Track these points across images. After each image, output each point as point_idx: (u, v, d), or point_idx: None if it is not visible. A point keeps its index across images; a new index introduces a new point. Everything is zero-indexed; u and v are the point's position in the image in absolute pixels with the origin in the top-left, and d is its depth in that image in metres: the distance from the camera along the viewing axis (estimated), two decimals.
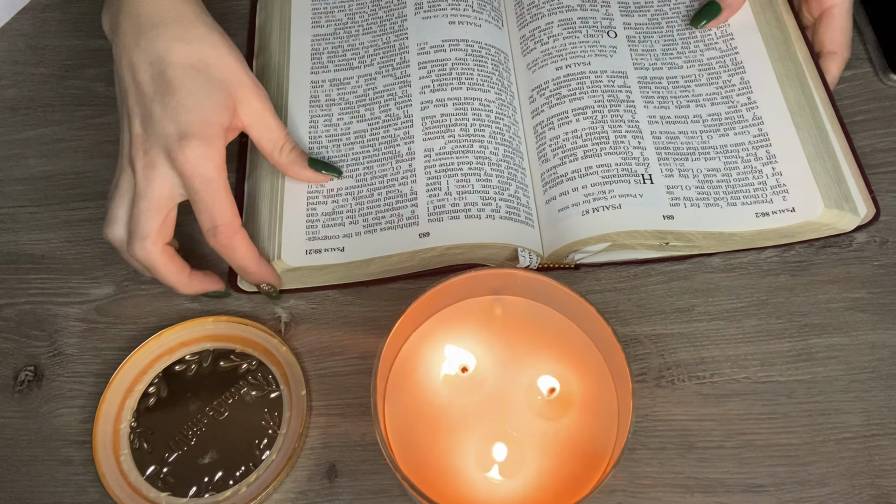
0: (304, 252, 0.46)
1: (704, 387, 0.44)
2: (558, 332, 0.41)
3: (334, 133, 0.50)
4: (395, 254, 0.46)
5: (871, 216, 0.47)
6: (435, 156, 0.48)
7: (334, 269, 0.46)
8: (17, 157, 0.53)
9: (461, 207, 0.47)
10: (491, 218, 0.46)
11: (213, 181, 0.41)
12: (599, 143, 0.49)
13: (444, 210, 0.47)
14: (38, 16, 0.60)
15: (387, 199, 0.48)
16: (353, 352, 0.46)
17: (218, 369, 0.45)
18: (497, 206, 0.47)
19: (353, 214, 0.47)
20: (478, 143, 0.49)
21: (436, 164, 0.48)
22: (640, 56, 0.53)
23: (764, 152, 0.49)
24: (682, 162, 0.49)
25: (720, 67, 0.52)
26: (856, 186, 0.48)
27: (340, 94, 0.52)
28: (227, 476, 0.42)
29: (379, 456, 0.42)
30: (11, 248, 0.50)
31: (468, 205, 0.47)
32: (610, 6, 0.55)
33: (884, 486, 0.41)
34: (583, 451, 0.38)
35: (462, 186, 0.47)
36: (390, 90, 0.51)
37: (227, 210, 0.42)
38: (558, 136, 0.49)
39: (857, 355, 0.45)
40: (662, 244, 0.46)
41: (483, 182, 0.47)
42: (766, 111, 0.50)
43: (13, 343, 0.46)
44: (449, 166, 0.48)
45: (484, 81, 0.51)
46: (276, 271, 0.45)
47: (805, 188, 0.47)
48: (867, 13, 0.56)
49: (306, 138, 0.50)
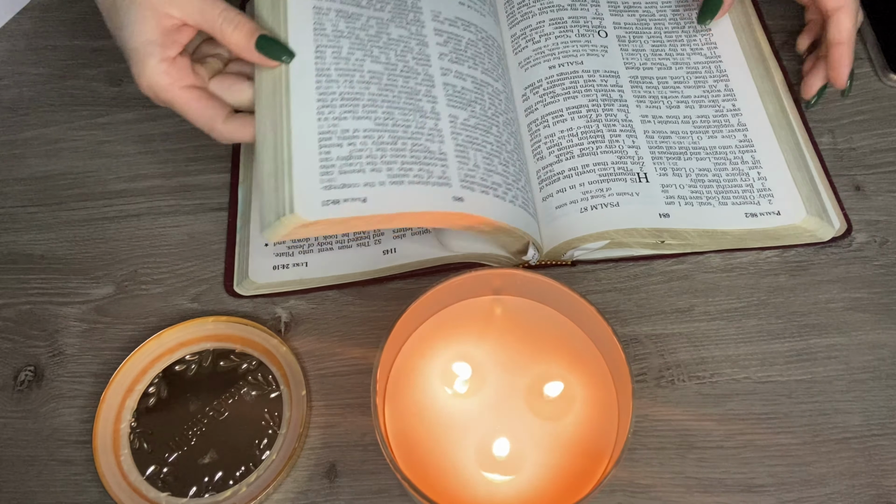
0: (321, 203, 0.39)
1: (704, 387, 0.44)
2: (558, 332, 0.41)
3: (345, 67, 0.44)
4: (427, 211, 0.41)
5: (843, 230, 0.48)
6: (460, 125, 0.45)
7: (356, 221, 0.41)
8: (17, 157, 0.53)
9: (489, 184, 0.44)
10: (513, 203, 0.45)
11: (170, 100, 0.43)
12: (595, 141, 0.49)
13: (475, 181, 0.43)
14: (38, 16, 0.60)
15: (412, 151, 0.42)
16: (353, 352, 0.46)
17: (218, 369, 0.45)
18: (516, 195, 0.45)
19: (375, 161, 0.41)
20: (496, 128, 0.47)
21: (462, 134, 0.45)
22: (630, 56, 0.53)
23: (749, 157, 0.50)
24: (674, 161, 0.49)
25: (706, 72, 0.53)
26: (829, 202, 0.49)
27: (350, 27, 0.45)
28: (227, 476, 0.42)
29: (379, 456, 0.42)
30: (11, 248, 0.50)
31: (494, 184, 0.44)
32: (599, 6, 0.56)
33: (884, 486, 0.41)
34: (583, 450, 0.38)
35: (488, 164, 0.45)
36: (406, 43, 0.47)
37: (200, 116, 0.43)
38: (553, 133, 0.49)
39: (857, 355, 0.45)
40: (658, 242, 0.46)
41: (504, 166, 0.46)
42: (749, 119, 0.51)
43: (13, 343, 0.46)
44: (475, 140, 0.45)
45: (493, 70, 0.50)
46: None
47: (788, 193, 0.48)
48: (867, 13, 0.56)
49: (313, 70, 0.43)
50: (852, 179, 0.50)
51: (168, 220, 0.50)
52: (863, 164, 0.51)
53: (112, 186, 0.52)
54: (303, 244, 0.49)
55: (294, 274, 0.47)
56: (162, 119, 0.54)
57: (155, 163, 0.52)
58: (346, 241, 0.48)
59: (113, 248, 0.49)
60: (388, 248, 0.48)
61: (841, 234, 0.48)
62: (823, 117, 0.53)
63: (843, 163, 0.51)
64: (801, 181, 0.48)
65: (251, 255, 0.48)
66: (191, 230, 0.50)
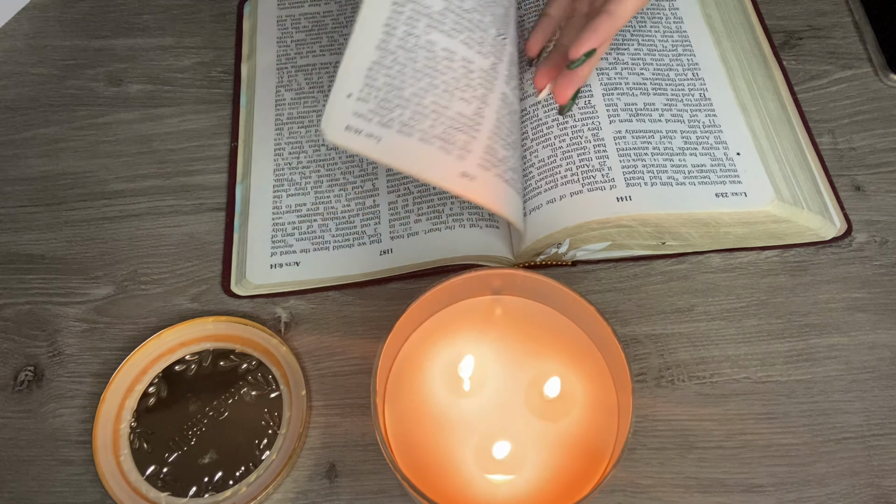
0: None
1: (704, 387, 0.44)
2: (558, 332, 0.41)
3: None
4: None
5: (843, 230, 0.48)
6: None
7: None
8: (17, 157, 0.53)
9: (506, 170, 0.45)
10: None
11: None
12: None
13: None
14: (38, 16, 0.60)
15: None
16: (353, 352, 0.46)
17: (218, 369, 0.45)
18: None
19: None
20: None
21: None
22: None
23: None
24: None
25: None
26: (829, 202, 0.49)
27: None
28: (227, 476, 0.42)
29: (379, 456, 0.42)
30: (11, 248, 0.50)
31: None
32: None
33: (884, 486, 0.41)
34: (583, 450, 0.38)
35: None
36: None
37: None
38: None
39: (857, 355, 0.45)
40: (659, 244, 0.46)
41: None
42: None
43: (13, 343, 0.46)
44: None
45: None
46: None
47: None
48: (867, 13, 0.56)
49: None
50: (852, 179, 0.50)
51: (168, 220, 0.50)
52: (863, 164, 0.51)
53: (112, 186, 0.52)
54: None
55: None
56: (162, 119, 0.54)
57: (155, 163, 0.52)
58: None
59: (113, 248, 0.49)
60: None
61: (841, 234, 0.48)
62: (823, 117, 0.53)
63: (843, 163, 0.51)
64: (775, 168, 0.48)
65: (249, 255, 0.48)
66: (191, 230, 0.50)
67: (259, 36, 0.57)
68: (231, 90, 0.55)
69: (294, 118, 0.53)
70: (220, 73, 0.56)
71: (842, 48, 0.56)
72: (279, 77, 0.55)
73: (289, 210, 0.50)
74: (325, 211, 0.50)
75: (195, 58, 0.57)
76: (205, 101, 0.55)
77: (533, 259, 0.47)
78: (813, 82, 0.54)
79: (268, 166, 0.51)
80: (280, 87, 0.55)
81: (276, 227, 0.49)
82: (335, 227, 0.49)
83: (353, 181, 0.51)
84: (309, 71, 0.55)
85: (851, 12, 0.58)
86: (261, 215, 0.50)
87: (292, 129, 0.53)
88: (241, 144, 0.53)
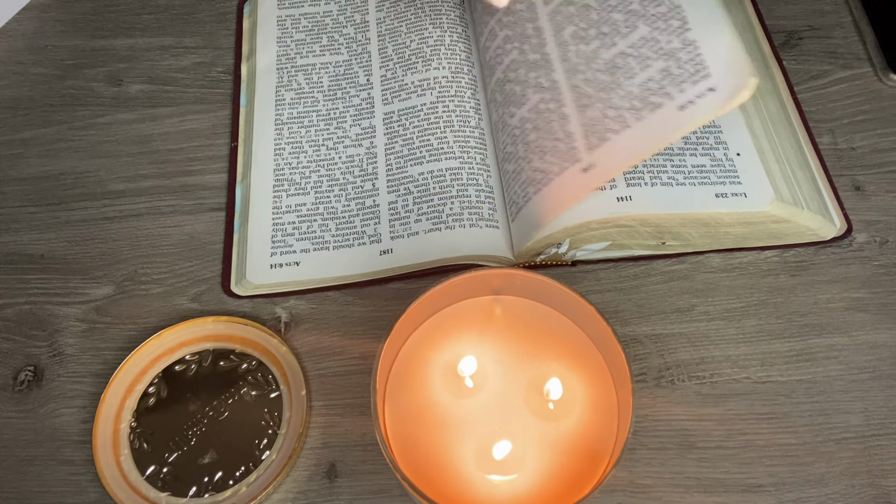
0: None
1: (704, 387, 0.44)
2: (558, 332, 0.41)
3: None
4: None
5: (843, 230, 0.48)
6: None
7: None
8: (17, 157, 0.53)
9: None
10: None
11: None
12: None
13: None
14: (38, 16, 0.60)
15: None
16: (353, 352, 0.46)
17: (218, 369, 0.45)
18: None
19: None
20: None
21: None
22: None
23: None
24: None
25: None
26: (829, 202, 0.49)
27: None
28: (227, 476, 0.42)
29: (379, 456, 0.42)
30: (11, 248, 0.50)
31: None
32: None
33: (884, 486, 0.41)
34: (583, 450, 0.38)
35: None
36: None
37: None
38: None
39: (857, 355, 0.45)
40: (660, 244, 0.46)
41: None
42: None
43: (13, 343, 0.46)
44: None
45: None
46: None
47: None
48: (867, 13, 0.56)
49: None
50: (852, 179, 0.50)
51: (168, 220, 0.50)
52: (863, 164, 0.51)
53: (112, 186, 0.52)
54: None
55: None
56: (162, 119, 0.54)
57: (155, 163, 0.53)
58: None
59: (113, 248, 0.49)
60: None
61: (841, 234, 0.48)
62: (823, 117, 0.53)
63: (843, 163, 0.51)
64: (776, 169, 0.48)
65: (249, 255, 0.48)
66: (191, 230, 0.50)
67: (259, 36, 0.57)
68: (231, 90, 0.55)
69: (294, 118, 0.53)
70: (220, 73, 0.56)
71: (842, 48, 0.56)
72: (279, 77, 0.55)
73: (289, 210, 0.50)
74: (325, 211, 0.50)
75: (195, 58, 0.57)
76: (205, 101, 0.55)
77: (533, 259, 0.47)
78: (813, 82, 0.54)
79: (268, 166, 0.51)
80: (280, 87, 0.55)
81: (276, 227, 0.49)
82: (335, 227, 0.49)
83: (353, 181, 0.51)
84: (309, 71, 0.55)
85: (851, 12, 0.58)
86: (261, 215, 0.50)
87: (292, 129, 0.53)
88: (241, 144, 0.53)
